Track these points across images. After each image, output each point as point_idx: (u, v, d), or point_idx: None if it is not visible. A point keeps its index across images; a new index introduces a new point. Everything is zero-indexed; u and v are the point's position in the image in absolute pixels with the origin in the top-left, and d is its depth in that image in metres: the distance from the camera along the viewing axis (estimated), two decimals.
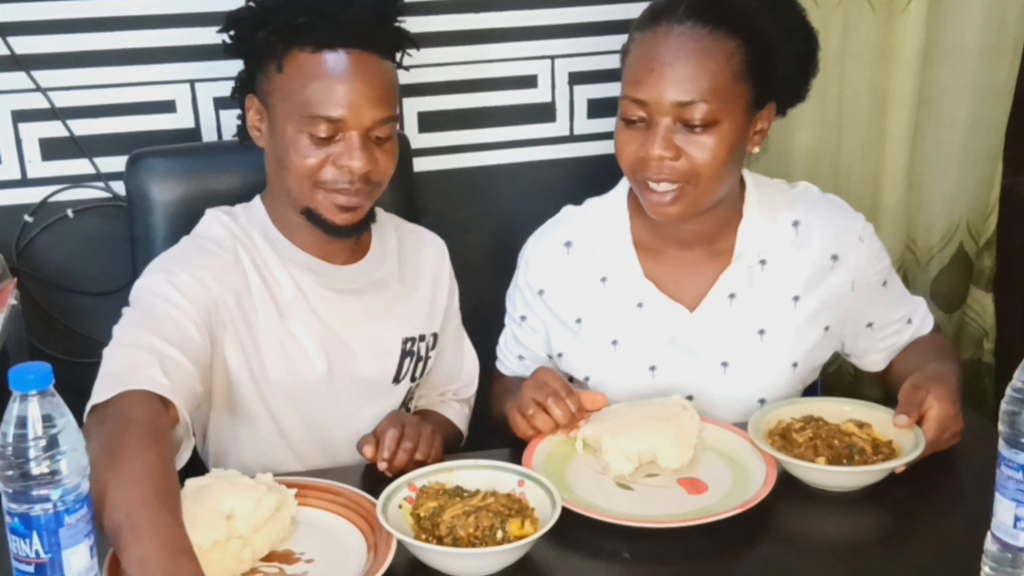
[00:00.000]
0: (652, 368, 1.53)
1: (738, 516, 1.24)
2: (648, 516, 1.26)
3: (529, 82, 2.13)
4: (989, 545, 1.10)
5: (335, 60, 1.38)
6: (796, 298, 1.52)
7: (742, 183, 1.53)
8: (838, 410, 1.42)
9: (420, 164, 2.04)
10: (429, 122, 2.10)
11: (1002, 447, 1.07)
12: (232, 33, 1.46)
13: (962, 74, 2.22)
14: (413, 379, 1.59)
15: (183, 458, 1.26)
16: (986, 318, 2.42)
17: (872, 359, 1.63)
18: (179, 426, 1.26)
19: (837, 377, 2.30)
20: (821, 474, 1.32)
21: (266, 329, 1.47)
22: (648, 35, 1.40)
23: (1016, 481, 1.05)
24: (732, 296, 1.51)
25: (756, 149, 1.46)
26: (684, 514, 1.26)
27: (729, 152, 1.40)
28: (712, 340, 1.51)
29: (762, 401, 1.52)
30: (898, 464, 1.31)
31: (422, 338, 1.60)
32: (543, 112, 2.15)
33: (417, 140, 2.08)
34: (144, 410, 1.19)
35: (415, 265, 1.63)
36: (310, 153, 1.40)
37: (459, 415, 1.68)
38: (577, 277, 1.55)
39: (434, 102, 2.09)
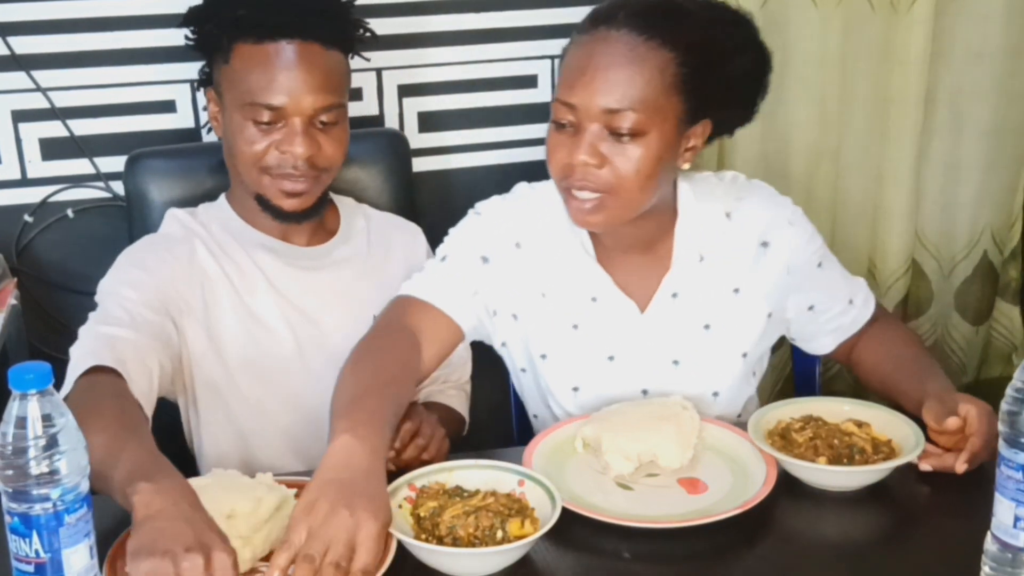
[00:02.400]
0: (611, 358, 1.52)
1: (738, 516, 1.24)
2: (648, 516, 1.26)
3: (529, 82, 2.13)
4: (989, 545, 1.10)
5: (276, 50, 1.45)
6: (736, 290, 1.52)
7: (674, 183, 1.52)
8: (837, 410, 1.42)
9: (420, 164, 2.04)
10: (429, 122, 2.10)
11: (1002, 447, 1.07)
12: (192, 29, 1.53)
13: (982, 78, 2.21)
14: None
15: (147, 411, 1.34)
16: (1014, 332, 2.40)
17: (820, 343, 1.63)
18: (133, 388, 1.33)
19: (838, 378, 2.30)
20: (821, 474, 1.32)
21: (228, 310, 1.53)
22: (585, 39, 1.38)
23: (1016, 481, 1.05)
24: (675, 295, 1.50)
25: (687, 166, 1.44)
26: (684, 514, 1.26)
27: (654, 165, 1.37)
28: (661, 339, 1.51)
29: (715, 394, 1.53)
30: (897, 464, 1.31)
31: None
32: (543, 112, 2.14)
33: (417, 140, 2.08)
34: (95, 380, 1.29)
35: (385, 245, 1.66)
36: (255, 139, 1.47)
37: (459, 402, 1.69)
38: (526, 278, 1.51)
39: (434, 102, 2.09)
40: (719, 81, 1.39)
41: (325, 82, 1.47)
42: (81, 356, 1.34)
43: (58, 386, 1.00)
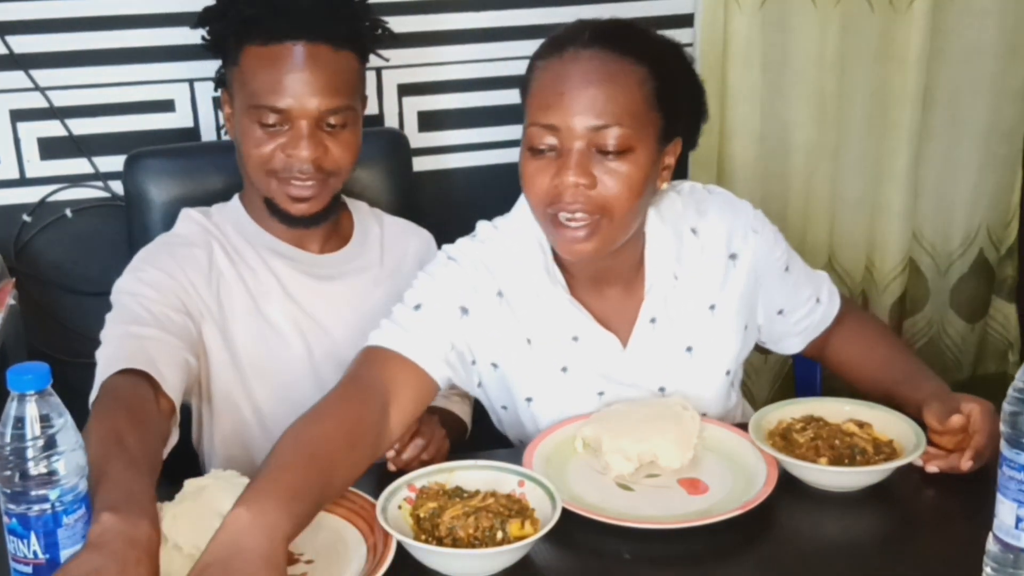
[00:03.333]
0: (600, 394, 1.49)
1: (739, 516, 1.23)
2: (649, 517, 1.25)
3: None
4: (990, 546, 1.10)
5: (282, 52, 1.43)
6: (712, 307, 1.50)
7: None
8: (838, 410, 1.42)
9: (420, 164, 2.04)
10: (429, 122, 2.10)
11: (1004, 448, 1.06)
12: (206, 30, 1.53)
13: (978, 76, 2.21)
14: None
15: (176, 406, 1.36)
16: (1010, 329, 2.40)
17: (789, 343, 1.61)
18: (166, 387, 1.32)
19: (836, 376, 2.30)
20: (823, 475, 1.31)
21: (241, 314, 1.52)
22: (554, 61, 1.34)
23: (1018, 481, 1.05)
24: (653, 320, 1.47)
25: (664, 185, 1.41)
26: (685, 515, 1.25)
27: (643, 181, 1.34)
28: (646, 370, 1.48)
29: (703, 415, 1.50)
30: (898, 465, 1.30)
31: None
32: None
33: (417, 140, 2.07)
34: (115, 385, 1.28)
35: (397, 252, 1.66)
36: (262, 142, 1.46)
37: (462, 408, 1.68)
38: (510, 326, 1.46)
39: (434, 102, 2.09)
40: (684, 98, 1.39)
41: (332, 84, 1.45)
42: (109, 359, 1.32)
43: (57, 386, 0.99)
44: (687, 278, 1.48)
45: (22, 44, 1.88)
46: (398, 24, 2.01)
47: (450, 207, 2.12)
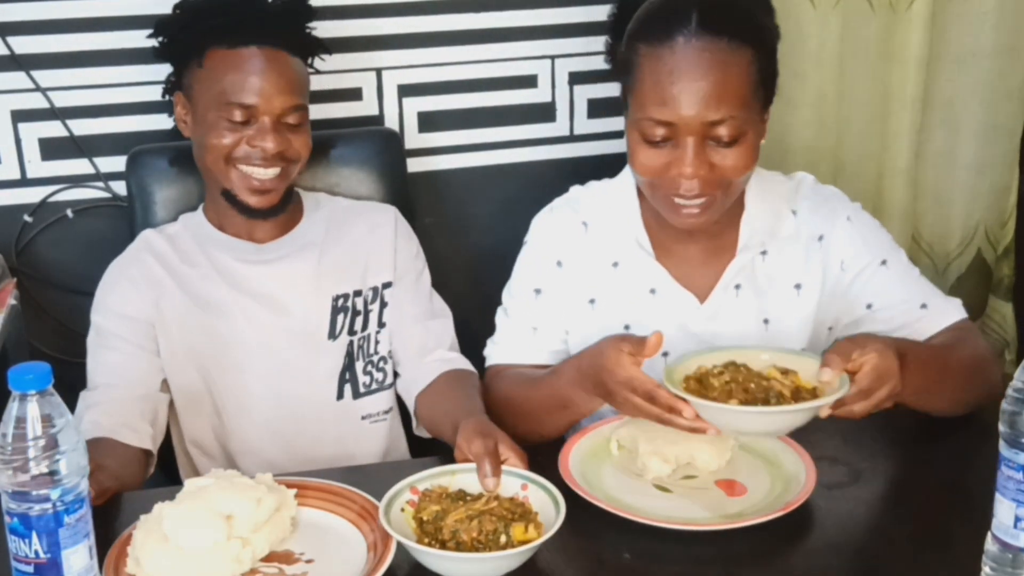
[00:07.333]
0: (664, 355, 1.50)
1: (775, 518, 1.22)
2: (690, 519, 1.23)
3: (529, 82, 2.13)
4: (989, 545, 1.10)
5: (248, 55, 1.55)
6: (798, 286, 1.53)
7: None
8: (761, 357, 1.34)
9: (420, 164, 2.04)
10: (429, 122, 2.10)
11: (1002, 447, 1.06)
12: (160, 39, 1.62)
13: (976, 77, 2.21)
14: (352, 332, 1.66)
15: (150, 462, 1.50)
16: (1007, 328, 2.40)
17: None
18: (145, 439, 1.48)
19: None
20: (729, 415, 1.24)
21: (184, 311, 1.60)
22: (664, 51, 1.35)
23: (1016, 481, 1.05)
24: (738, 287, 1.52)
25: (763, 140, 1.45)
26: (723, 516, 1.24)
27: (755, 157, 1.41)
28: (720, 331, 1.52)
29: None
30: (818, 405, 1.23)
31: (357, 293, 1.67)
32: (543, 112, 2.15)
33: (417, 140, 2.08)
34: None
35: (346, 227, 1.71)
36: (227, 134, 1.56)
37: (463, 361, 1.68)
38: (592, 258, 1.55)
39: (434, 102, 2.09)
40: (776, 61, 1.43)
41: (291, 85, 1.57)
42: (83, 425, 1.42)
43: (58, 386, 1.00)
44: (777, 255, 1.52)
45: (23, 45, 1.88)
46: (398, 25, 2.02)
47: (450, 208, 2.12)
